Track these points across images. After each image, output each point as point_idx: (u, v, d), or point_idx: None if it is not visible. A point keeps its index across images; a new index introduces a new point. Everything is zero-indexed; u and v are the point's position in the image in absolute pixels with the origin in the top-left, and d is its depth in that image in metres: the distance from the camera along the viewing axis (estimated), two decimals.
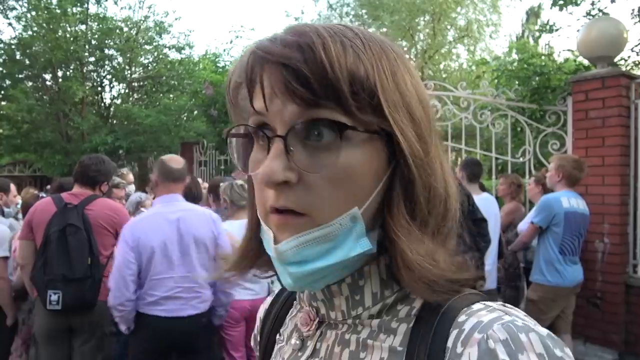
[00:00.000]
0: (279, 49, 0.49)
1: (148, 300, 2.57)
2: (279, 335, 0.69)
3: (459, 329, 0.48)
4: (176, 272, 2.59)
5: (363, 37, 0.52)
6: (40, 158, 12.30)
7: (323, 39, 0.49)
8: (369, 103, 0.49)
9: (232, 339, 3.48)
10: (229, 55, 13.92)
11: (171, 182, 2.73)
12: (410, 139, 0.51)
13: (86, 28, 11.82)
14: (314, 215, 0.50)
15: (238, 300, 3.40)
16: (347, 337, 0.56)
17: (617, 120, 4.15)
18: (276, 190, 0.50)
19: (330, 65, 0.47)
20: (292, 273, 0.51)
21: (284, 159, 0.49)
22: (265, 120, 0.51)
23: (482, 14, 18.24)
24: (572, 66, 5.61)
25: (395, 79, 0.51)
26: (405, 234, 0.51)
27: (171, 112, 11.20)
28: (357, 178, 0.50)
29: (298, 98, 0.48)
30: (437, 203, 0.54)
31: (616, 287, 4.17)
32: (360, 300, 0.56)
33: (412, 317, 0.53)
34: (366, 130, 0.49)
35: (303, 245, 0.50)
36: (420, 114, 0.53)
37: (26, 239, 2.97)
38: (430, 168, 0.53)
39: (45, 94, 12.08)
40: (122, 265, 2.51)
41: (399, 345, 0.52)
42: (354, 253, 0.51)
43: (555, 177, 3.62)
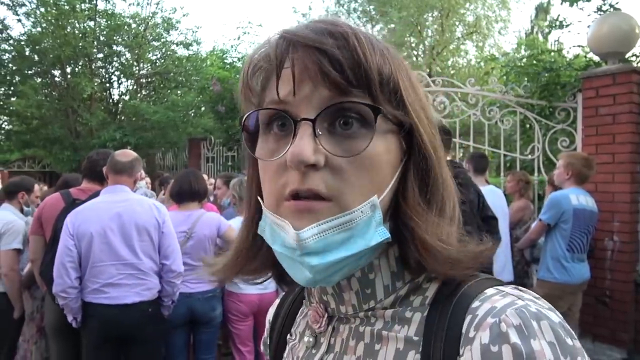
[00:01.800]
0: (312, 34, 0.50)
1: (91, 287, 2.60)
2: (290, 335, 0.69)
3: (473, 314, 0.49)
4: (117, 259, 2.62)
5: (384, 43, 0.55)
6: (49, 154, 12.38)
7: (354, 31, 0.51)
8: (394, 97, 0.52)
9: (240, 332, 3.51)
10: (237, 51, 13.95)
11: (116, 174, 2.79)
12: (429, 132, 0.55)
13: (95, 24, 11.86)
14: (339, 201, 0.49)
15: (247, 295, 3.45)
16: (361, 330, 0.56)
17: (628, 117, 4.10)
18: (303, 173, 0.49)
19: (364, 54, 0.49)
20: (312, 266, 0.49)
21: (313, 142, 0.49)
22: (287, 107, 0.51)
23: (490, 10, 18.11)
24: (582, 62, 5.56)
25: (411, 82, 0.55)
26: (423, 220, 0.53)
27: (179, 108, 11.22)
28: (380, 167, 0.51)
29: (330, 82, 0.48)
30: (442, 191, 0.56)
31: (625, 286, 4.13)
32: (371, 293, 0.56)
33: (426, 306, 0.54)
34: (394, 120, 0.52)
35: (325, 232, 0.49)
36: (428, 108, 0.57)
37: (36, 234, 3.01)
38: (442, 160, 0.57)
39: (54, 90, 12.15)
40: (62, 253, 2.57)
41: (415, 335, 0.52)
42: (374, 242, 0.51)
43: (564, 175, 3.61)
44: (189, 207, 3.34)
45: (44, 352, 3.46)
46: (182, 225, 3.23)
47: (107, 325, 2.61)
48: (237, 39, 13.88)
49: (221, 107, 9.94)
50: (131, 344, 2.71)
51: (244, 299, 3.46)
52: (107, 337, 2.63)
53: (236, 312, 3.47)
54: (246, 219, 0.62)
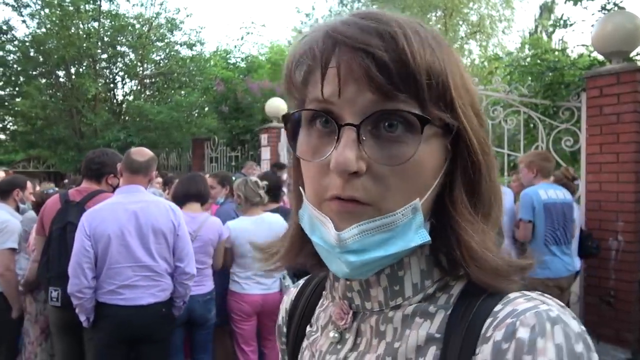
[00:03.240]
0: (358, 34, 0.48)
1: (106, 289, 2.60)
2: (309, 327, 0.68)
3: (494, 317, 0.48)
4: (134, 261, 2.62)
5: (433, 32, 0.52)
6: (53, 154, 12.46)
7: (403, 29, 0.48)
8: (442, 98, 0.50)
9: (243, 332, 3.52)
10: (240, 51, 13.98)
11: (132, 173, 2.76)
12: (478, 135, 0.53)
13: (99, 25, 11.92)
14: (378, 206, 0.49)
15: (250, 295, 3.47)
16: (383, 329, 0.56)
17: (632, 117, 4.08)
18: (346, 179, 0.49)
19: (412, 55, 0.47)
20: (350, 262, 0.50)
21: (356, 148, 0.48)
22: (331, 108, 0.50)
23: (494, 9, 18.08)
24: (586, 61, 5.54)
25: (462, 77, 0.52)
26: (470, 226, 0.52)
27: (182, 108, 11.26)
28: (423, 172, 0.50)
29: (376, 86, 0.47)
30: (495, 194, 0.55)
31: (630, 286, 4.11)
32: (399, 290, 0.55)
33: (450, 305, 0.53)
34: (439, 126, 0.50)
35: (365, 233, 0.49)
36: (478, 109, 0.54)
37: (38, 234, 3.03)
38: (491, 163, 0.55)
39: (58, 90, 12.21)
40: (78, 253, 2.55)
41: (437, 332, 0.52)
42: (413, 244, 0.51)
43: (531, 174, 3.73)
44: (192, 210, 3.36)
45: (49, 353, 3.48)
46: (187, 227, 3.25)
47: (121, 326, 2.61)
48: (241, 39, 13.98)
49: (225, 107, 9.96)
50: (142, 343, 2.71)
51: (248, 299, 3.47)
52: (120, 337, 2.63)
53: (240, 312, 3.49)
54: (295, 208, 0.62)
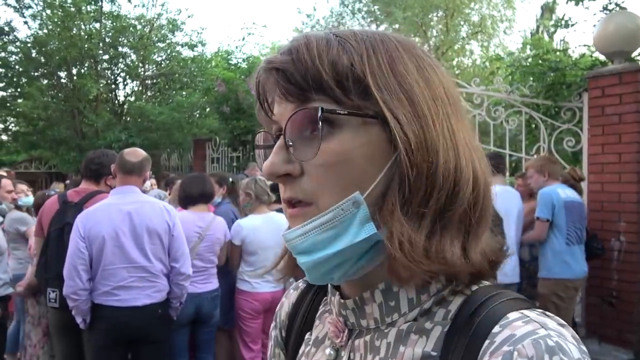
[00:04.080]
0: (276, 57, 0.54)
1: (102, 290, 2.60)
2: (309, 334, 0.69)
3: (491, 340, 0.47)
4: (129, 262, 2.62)
5: (360, 33, 0.54)
6: (55, 155, 12.45)
7: (308, 39, 0.53)
8: (358, 89, 0.51)
9: (252, 330, 3.57)
10: (241, 52, 13.97)
11: (126, 174, 2.77)
12: (402, 119, 0.51)
13: (100, 26, 11.92)
14: (317, 203, 0.52)
15: (261, 293, 3.55)
16: (377, 344, 0.55)
17: (634, 117, 4.07)
18: (283, 183, 0.54)
19: (311, 59, 0.51)
20: (303, 263, 0.53)
21: (284, 153, 0.53)
22: (280, 125, 0.55)
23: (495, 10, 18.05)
24: (588, 62, 5.53)
25: (392, 65, 0.53)
26: (391, 219, 0.50)
27: (184, 109, 11.26)
28: (352, 163, 0.51)
29: (291, 96, 0.52)
30: (439, 186, 0.51)
31: (632, 286, 4.11)
32: (395, 306, 0.55)
33: (448, 321, 0.52)
34: (350, 113, 0.50)
35: (308, 233, 0.51)
36: (424, 96, 0.52)
37: (38, 235, 3.03)
38: (428, 147, 0.51)
39: (60, 91, 12.21)
40: (73, 255, 2.56)
41: (432, 350, 0.51)
42: (359, 238, 0.51)
43: (542, 178, 3.73)
44: (199, 209, 3.39)
45: (50, 354, 3.48)
46: (195, 227, 3.28)
47: (117, 327, 2.62)
48: (242, 40, 13.93)
49: (226, 108, 9.96)
50: (139, 344, 2.72)
51: (259, 297, 3.55)
52: (117, 338, 2.64)
53: (250, 310, 3.54)
54: None
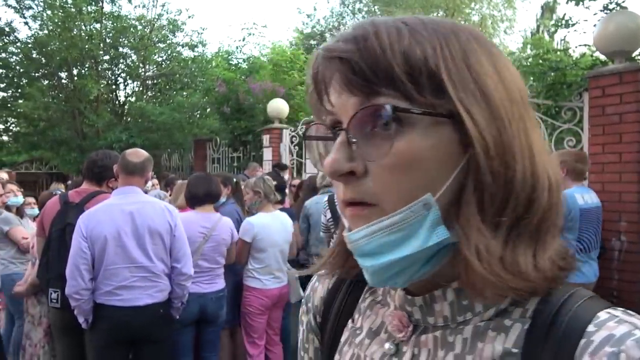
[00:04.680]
0: (338, 45, 0.50)
1: (104, 290, 2.61)
2: (351, 322, 0.67)
3: (588, 339, 0.46)
4: (131, 262, 2.63)
5: (429, 21, 0.51)
6: (56, 155, 12.46)
7: (376, 27, 0.49)
8: (431, 85, 0.48)
9: (259, 326, 3.63)
10: (242, 52, 13.99)
11: (128, 174, 2.78)
12: (479, 119, 0.48)
13: (101, 26, 11.93)
14: (382, 205, 0.49)
15: (270, 289, 3.63)
16: (451, 340, 0.53)
17: (635, 116, 4.07)
18: (344, 182, 0.50)
19: (382, 50, 0.47)
20: (367, 267, 0.50)
21: (347, 150, 0.49)
22: (337, 118, 0.52)
23: (496, 9, 18.08)
24: (588, 61, 5.52)
25: (467, 60, 0.49)
26: (468, 226, 0.48)
27: (184, 109, 11.27)
28: (421, 164, 0.48)
29: (356, 89, 0.49)
30: (517, 193, 0.49)
31: (633, 286, 4.10)
32: (469, 305, 0.53)
33: (527, 319, 0.51)
34: (424, 113, 0.47)
35: (374, 234, 0.49)
36: (500, 95, 0.50)
37: (39, 236, 3.04)
38: (506, 150, 0.49)
39: (60, 92, 12.22)
40: (75, 255, 2.57)
41: (513, 347, 0.50)
42: (430, 242, 0.48)
43: (560, 173, 3.60)
44: (205, 210, 3.41)
45: (51, 354, 3.48)
46: (200, 227, 3.30)
47: (119, 327, 2.63)
48: (242, 40, 13.99)
49: (226, 108, 9.97)
50: (141, 344, 2.73)
51: (268, 293, 3.62)
52: (118, 338, 2.65)
53: (260, 306, 3.62)
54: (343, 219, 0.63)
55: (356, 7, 19.19)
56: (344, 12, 19.46)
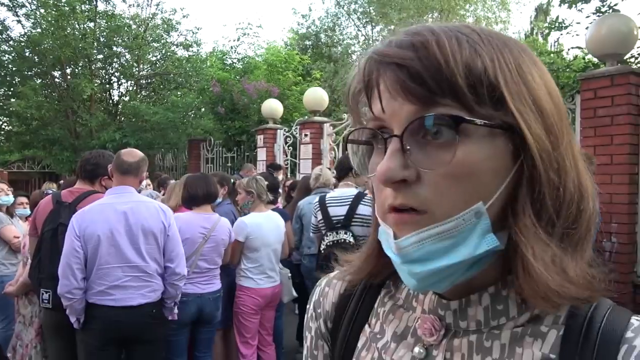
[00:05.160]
0: (394, 51, 0.50)
1: (96, 289, 2.60)
2: (368, 326, 0.66)
3: (629, 344, 0.49)
4: (124, 262, 2.62)
5: (481, 32, 0.51)
6: (49, 155, 12.41)
7: (437, 36, 0.49)
8: (490, 97, 0.48)
9: (253, 326, 3.63)
10: (236, 52, 13.97)
11: (123, 174, 2.77)
12: (537, 132, 0.49)
13: (94, 25, 11.89)
14: (433, 212, 0.49)
15: (263, 289, 3.63)
16: (488, 345, 0.54)
17: (626, 119, 4.10)
18: (395, 189, 0.50)
19: (445, 60, 0.47)
20: (416, 273, 0.50)
21: (401, 157, 0.49)
22: (384, 124, 0.52)
23: (490, 11, 18.16)
24: (580, 64, 5.57)
25: (521, 72, 0.50)
26: (528, 234, 0.49)
27: (178, 109, 11.25)
28: (477, 174, 0.49)
29: (413, 96, 0.48)
30: (567, 203, 0.51)
31: (624, 287, 4.13)
32: (503, 310, 0.54)
33: (560, 325, 0.52)
34: (486, 124, 0.48)
35: (424, 241, 0.49)
36: (550, 107, 0.51)
37: (32, 235, 3.02)
38: (560, 164, 0.50)
39: (54, 91, 12.17)
40: (68, 254, 2.55)
41: (551, 352, 0.51)
42: (480, 250, 0.49)
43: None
44: (203, 210, 3.40)
45: (42, 355, 3.46)
46: (200, 228, 3.30)
47: (111, 327, 2.61)
48: (237, 40, 13.95)
49: (221, 108, 9.95)
50: (133, 344, 2.72)
51: (262, 293, 3.62)
52: (111, 338, 2.63)
53: (253, 306, 3.61)
54: (375, 224, 0.62)
55: (351, 8, 19.21)
56: (339, 12, 19.48)
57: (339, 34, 19.41)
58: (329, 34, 19.24)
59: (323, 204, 3.53)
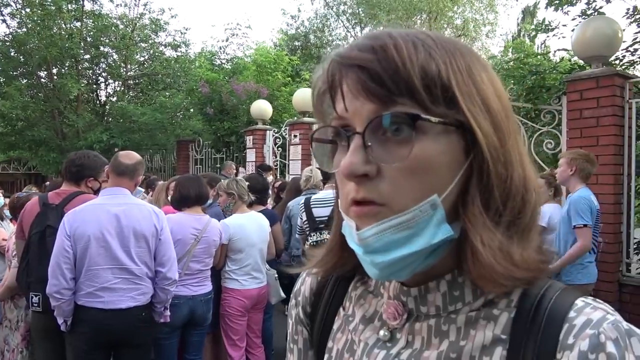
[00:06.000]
0: (355, 53, 0.53)
1: (85, 291, 2.57)
2: (343, 309, 0.71)
3: (570, 323, 0.52)
4: (114, 263, 2.60)
5: (436, 37, 0.55)
6: (35, 156, 12.24)
7: (395, 40, 0.52)
8: (443, 97, 0.52)
9: (240, 328, 3.61)
10: (225, 53, 13.92)
11: (118, 175, 2.76)
12: (486, 129, 0.53)
13: (81, 25, 11.76)
14: (392, 205, 0.52)
15: (249, 290, 3.60)
16: (445, 328, 0.58)
17: (611, 120, 4.16)
18: (357, 183, 0.53)
19: (402, 62, 0.51)
20: (377, 263, 0.53)
21: (363, 153, 0.52)
22: (347, 122, 0.55)
23: (478, 13, 18.31)
24: (567, 65, 5.63)
25: (471, 74, 0.54)
26: (476, 223, 0.53)
27: (167, 110, 11.18)
28: (433, 168, 0.52)
29: (374, 96, 0.52)
30: (513, 194, 0.55)
31: (610, 286, 4.19)
32: (460, 295, 0.58)
33: (512, 308, 0.56)
34: (440, 122, 0.51)
35: (384, 232, 0.52)
36: (497, 106, 0.55)
37: (19, 238, 2.97)
38: (507, 158, 0.55)
39: (40, 91, 12.01)
40: (58, 254, 2.53)
41: (502, 334, 0.55)
42: (436, 239, 0.52)
43: (568, 171, 3.54)
44: (195, 212, 3.38)
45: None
46: (192, 229, 3.28)
47: (100, 331, 2.58)
48: (226, 41, 13.90)
49: (209, 109, 9.90)
50: (122, 347, 2.69)
51: (247, 294, 3.59)
52: (99, 341, 2.60)
53: (239, 307, 3.58)
54: (337, 218, 0.66)
55: (340, 9, 19.25)
56: (328, 14, 19.50)
57: (328, 35, 19.45)
58: (318, 35, 19.26)
59: (308, 205, 3.54)
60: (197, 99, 10.69)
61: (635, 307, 4.14)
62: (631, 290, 4.18)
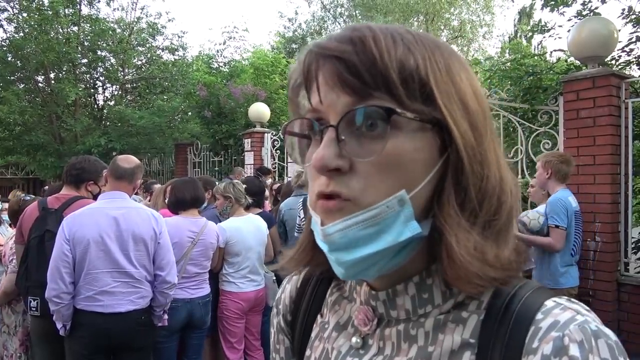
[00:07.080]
0: (333, 44, 0.52)
1: (84, 294, 2.57)
2: (320, 316, 0.69)
3: (536, 326, 0.50)
4: (113, 267, 2.60)
5: (416, 34, 0.54)
6: (33, 160, 12.21)
7: (373, 32, 0.51)
8: (421, 93, 0.51)
9: (238, 331, 3.61)
10: (222, 56, 13.93)
11: (117, 179, 2.76)
12: (463, 128, 0.52)
13: (78, 30, 11.75)
14: (360, 200, 0.50)
15: (246, 292, 3.61)
16: (413, 333, 0.56)
17: (608, 120, 4.17)
18: (328, 177, 0.51)
19: (380, 55, 0.49)
20: (343, 261, 0.52)
21: (336, 146, 0.50)
22: (321, 115, 0.53)
23: (475, 15, 18.36)
24: (563, 66, 5.65)
25: (450, 73, 0.53)
26: (452, 223, 0.51)
27: (165, 113, 11.17)
28: (405, 165, 0.51)
29: (350, 88, 0.50)
30: (489, 195, 0.53)
31: (608, 285, 4.19)
32: (429, 298, 0.56)
33: (482, 311, 0.54)
34: (415, 118, 0.50)
35: (349, 228, 0.50)
36: (475, 106, 0.54)
37: (19, 243, 2.97)
38: (483, 158, 0.53)
39: (37, 96, 11.99)
40: (57, 258, 2.53)
41: (470, 337, 0.53)
42: (403, 237, 0.50)
43: (544, 175, 3.58)
44: (190, 214, 3.39)
45: None
46: (188, 232, 3.28)
47: (99, 334, 2.57)
48: (223, 44, 13.91)
49: (207, 112, 9.91)
50: (121, 351, 2.68)
51: (244, 297, 3.60)
52: (99, 345, 2.59)
53: (237, 310, 3.59)
54: (309, 214, 0.64)
55: (337, 11, 19.29)
56: (325, 16, 19.54)
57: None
58: (316, 38, 19.28)
59: (305, 204, 3.54)
60: (194, 102, 10.70)
61: (634, 306, 4.14)
62: (629, 290, 4.18)
